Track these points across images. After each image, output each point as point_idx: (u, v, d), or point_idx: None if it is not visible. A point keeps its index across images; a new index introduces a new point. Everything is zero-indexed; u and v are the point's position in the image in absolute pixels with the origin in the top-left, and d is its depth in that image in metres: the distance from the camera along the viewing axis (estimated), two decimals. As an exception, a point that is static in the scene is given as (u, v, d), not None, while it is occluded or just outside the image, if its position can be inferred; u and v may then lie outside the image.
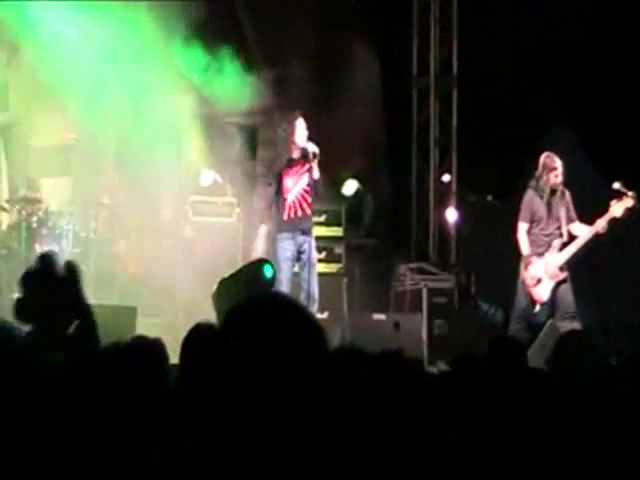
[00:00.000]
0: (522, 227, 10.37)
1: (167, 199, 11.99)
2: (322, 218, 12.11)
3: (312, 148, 9.75)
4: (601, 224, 10.15)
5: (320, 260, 11.67)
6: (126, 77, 11.63)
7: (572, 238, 10.34)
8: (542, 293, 10.24)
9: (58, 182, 11.92)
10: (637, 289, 11.89)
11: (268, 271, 9.37)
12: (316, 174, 9.77)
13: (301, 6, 12.66)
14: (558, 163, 10.31)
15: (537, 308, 10.25)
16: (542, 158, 10.38)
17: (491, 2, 12.34)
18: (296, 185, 9.88)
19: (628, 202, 10.14)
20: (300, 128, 9.91)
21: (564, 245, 10.32)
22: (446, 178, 13.46)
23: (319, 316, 11.03)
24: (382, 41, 13.09)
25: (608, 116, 11.83)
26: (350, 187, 12.75)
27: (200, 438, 2.25)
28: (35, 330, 2.93)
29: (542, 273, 10.24)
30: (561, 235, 10.33)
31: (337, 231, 12.34)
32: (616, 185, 10.19)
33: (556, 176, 10.31)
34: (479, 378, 3.99)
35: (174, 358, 3.70)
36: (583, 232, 10.30)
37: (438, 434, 3.32)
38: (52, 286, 2.93)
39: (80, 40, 11.34)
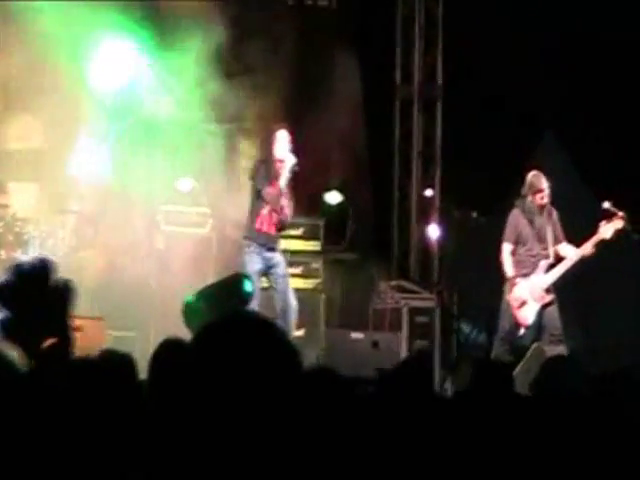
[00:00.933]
0: (506, 248, 10.11)
1: (139, 208, 11.82)
2: (299, 232, 11.99)
3: (291, 161, 9.67)
4: (589, 246, 9.91)
5: (297, 275, 11.67)
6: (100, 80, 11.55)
7: (559, 259, 10.10)
8: (527, 315, 10.00)
9: (26, 187, 11.87)
10: (625, 311, 11.71)
11: (248, 285, 9.20)
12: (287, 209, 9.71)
13: (281, 12, 12.44)
14: (545, 184, 10.00)
15: (521, 331, 9.99)
16: (529, 177, 10.08)
17: (478, 10, 12.15)
18: (274, 198, 9.67)
19: (617, 224, 9.94)
20: (281, 139, 9.82)
21: (551, 266, 10.06)
22: (429, 192, 13.21)
23: (296, 333, 10.83)
24: (365, 48, 12.88)
25: (598, 131, 11.79)
26: (333, 197, 12.66)
27: (172, 459, 2.20)
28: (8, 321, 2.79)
29: (527, 295, 9.99)
30: (547, 256, 10.08)
31: (315, 245, 12.18)
32: (606, 205, 10.02)
33: (542, 198, 10.02)
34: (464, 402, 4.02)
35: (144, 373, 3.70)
36: (571, 253, 10.06)
37: (421, 457, 3.40)
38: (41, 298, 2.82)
39: (56, 42, 11.06)
